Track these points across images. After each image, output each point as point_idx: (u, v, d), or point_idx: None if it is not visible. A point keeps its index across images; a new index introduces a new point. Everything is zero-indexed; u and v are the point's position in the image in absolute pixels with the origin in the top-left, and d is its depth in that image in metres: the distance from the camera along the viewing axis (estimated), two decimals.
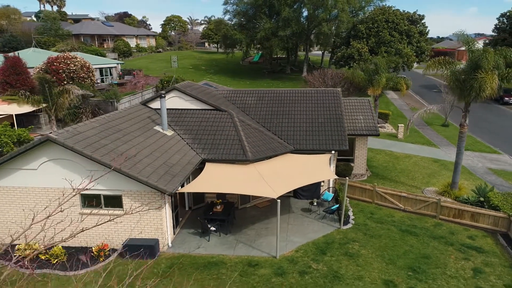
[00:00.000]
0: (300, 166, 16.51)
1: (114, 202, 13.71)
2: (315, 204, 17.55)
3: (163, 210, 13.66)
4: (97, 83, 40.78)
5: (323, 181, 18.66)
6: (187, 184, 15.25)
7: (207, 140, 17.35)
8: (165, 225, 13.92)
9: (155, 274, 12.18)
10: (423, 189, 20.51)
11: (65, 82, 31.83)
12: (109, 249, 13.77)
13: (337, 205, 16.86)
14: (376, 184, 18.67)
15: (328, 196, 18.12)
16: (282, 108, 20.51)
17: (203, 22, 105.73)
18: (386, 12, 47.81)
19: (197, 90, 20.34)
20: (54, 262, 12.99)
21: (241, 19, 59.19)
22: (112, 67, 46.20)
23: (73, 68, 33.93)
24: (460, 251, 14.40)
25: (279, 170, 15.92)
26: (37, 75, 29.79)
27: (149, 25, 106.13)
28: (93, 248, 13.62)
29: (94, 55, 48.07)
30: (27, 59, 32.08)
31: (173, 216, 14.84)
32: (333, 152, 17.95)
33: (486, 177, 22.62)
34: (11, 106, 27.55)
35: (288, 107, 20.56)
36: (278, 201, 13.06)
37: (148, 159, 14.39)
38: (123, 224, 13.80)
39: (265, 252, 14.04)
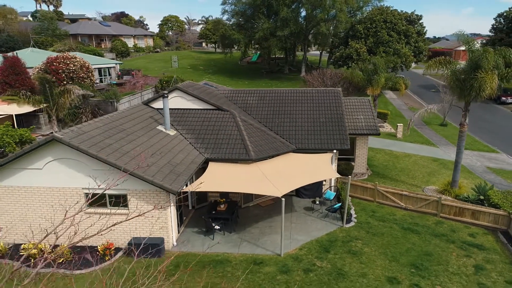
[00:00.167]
0: (302, 165, 16.63)
1: (119, 201, 13.76)
2: (317, 202, 17.70)
3: (168, 209, 13.75)
4: (96, 83, 40.71)
5: (325, 180, 18.80)
6: (190, 184, 15.34)
7: (209, 140, 17.44)
8: (170, 224, 14.02)
9: (164, 272, 12.23)
10: (423, 187, 20.71)
11: (65, 82, 31.79)
12: (114, 248, 13.84)
13: (339, 204, 17.00)
14: (377, 183, 18.85)
15: (330, 195, 18.27)
16: (283, 107, 20.63)
17: (201, 22, 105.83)
18: (384, 12, 47.99)
19: (198, 90, 20.41)
20: (60, 261, 13.04)
21: (239, 19, 59.24)
22: (111, 67, 46.13)
23: (73, 68, 33.89)
24: (462, 248, 14.59)
25: (281, 169, 16.03)
26: (37, 75, 29.72)
27: (147, 25, 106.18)
28: (99, 247, 13.69)
29: (92, 55, 47.95)
30: (25, 59, 31.98)
31: (177, 215, 14.93)
32: (334, 151, 18.09)
33: (485, 176, 22.86)
34: (11, 106, 27.45)
35: (289, 106, 20.69)
36: (283, 199, 13.18)
37: (152, 158, 14.46)
38: (128, 223, 13.83)
39: (270, 250, 14.17)
